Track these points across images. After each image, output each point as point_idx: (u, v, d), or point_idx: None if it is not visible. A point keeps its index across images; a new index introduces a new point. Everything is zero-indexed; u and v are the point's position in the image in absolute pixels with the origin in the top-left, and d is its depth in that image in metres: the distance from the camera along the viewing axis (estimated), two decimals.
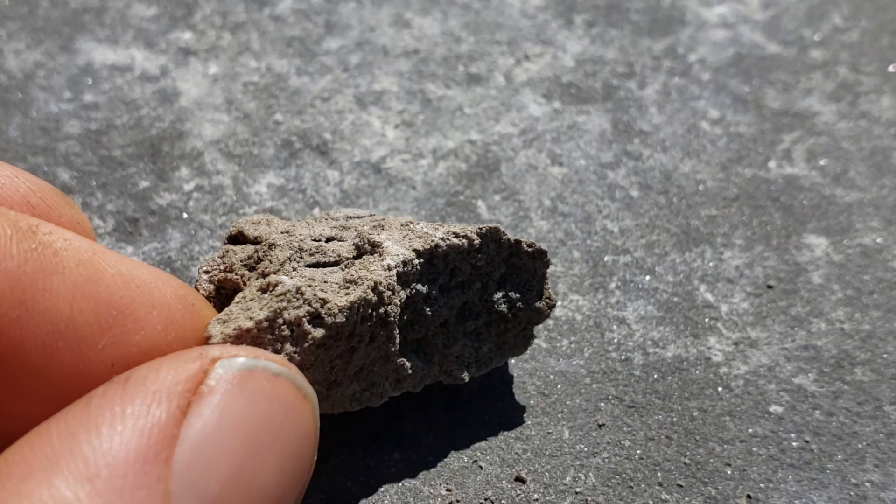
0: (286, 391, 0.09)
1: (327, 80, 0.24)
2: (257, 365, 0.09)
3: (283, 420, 0.09)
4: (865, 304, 0.19)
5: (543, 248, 0.15)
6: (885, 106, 0.24)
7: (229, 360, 0.09)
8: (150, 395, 0.08)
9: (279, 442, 0.09)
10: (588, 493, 0.16)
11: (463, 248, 0.14)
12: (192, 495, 0.08)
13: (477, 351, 0.15)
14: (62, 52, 0.24)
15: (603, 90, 0.24)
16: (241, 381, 0.09)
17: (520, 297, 0.15)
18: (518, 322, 0.15)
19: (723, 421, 0.17)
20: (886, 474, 0.16)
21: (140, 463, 0.08)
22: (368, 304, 0.12)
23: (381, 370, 0.13)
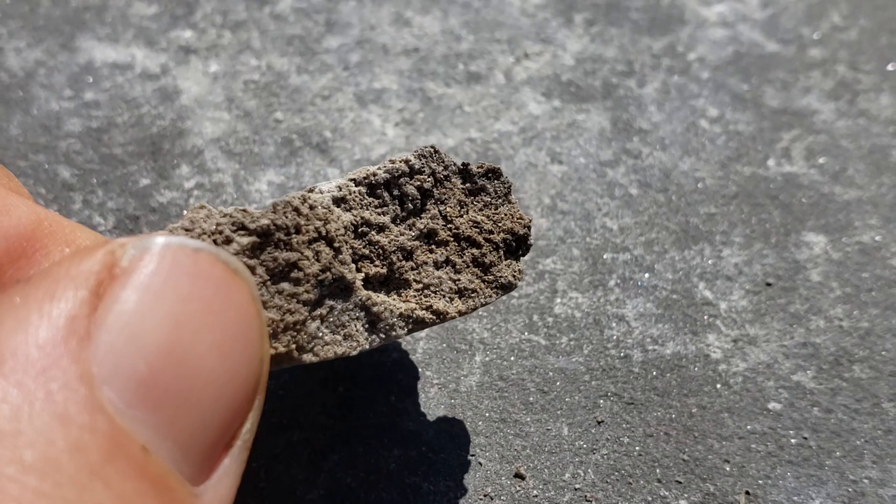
0: (210, 266, 0.09)
1: (327, 78, 0.24)
2: (171, 242, 0.09)
3: (211, 296, 0.09)
4: (864, 301, 0.19)
5: (495, 166, 0.14)
6: (883, 104, 0.24)
7: (141, 239, 0.09)
8: (60, 282, 0.08)
9: (211, 318, 0.08)
10: (587, 489, 0.16)
11: (402, 171, 0.13)
12: (118, 376, 0.08)
13: (455, 282, 0.13)
14: (63, 51, 0.24)
15: (602, 88, 0.24)
16: (156, 258, 0.08)
17: (487, 219, 0.14)
18: (494, 247, 0.14)
19: (721, 418, 0.17)
20: (884, 471, 0.16)
21: (52, 347, 0.07)
22: (297, 211, 0.11)
23: (345, 307, 0.12)
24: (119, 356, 0.08)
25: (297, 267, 0.11)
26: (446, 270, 0.14)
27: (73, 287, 0.08)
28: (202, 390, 0.08)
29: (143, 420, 0.08)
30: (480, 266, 0.14)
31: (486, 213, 0.14)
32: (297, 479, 0.16)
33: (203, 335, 0.08)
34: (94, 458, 0.07)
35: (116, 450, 0.07)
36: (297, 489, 0.15)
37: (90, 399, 0.07)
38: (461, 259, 0.14)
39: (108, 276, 0.08)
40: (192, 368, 0.08)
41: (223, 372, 0.08)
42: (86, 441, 0.07)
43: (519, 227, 0.14)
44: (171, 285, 0.08)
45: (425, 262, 0.13)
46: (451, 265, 0.14)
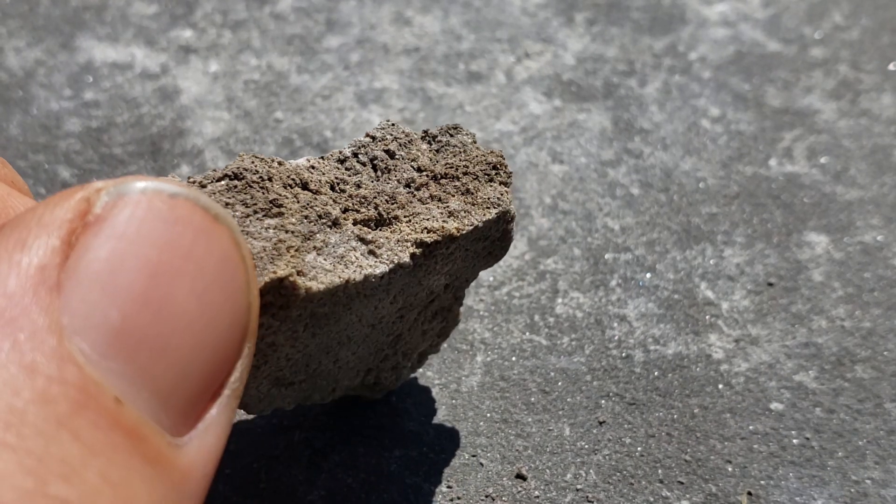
0: (189, 211, 0.08)
1: (328, 77, 0.24)
2: (147, 187, 0.08)
3: (189, 242, 0.08)
4: (866, 301, 0.19)
5: (455, 125, 0.14)
6: (885, 104, 0.24)
7: (116, 186, 0.08)
8: (32, 230, 0.08)
9: (190, 265, 0.08)
10: (589, 489, 0.16)
11: (364, 144, 0.13)
12: (90, 326, 0.07)
13: (445, 208, 0.13)
14: (63, 50, 0.24)
15: (603, 88, 0.24)
16: (130, 204, 0.08)
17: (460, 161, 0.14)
18: (473, 177, 0.14)
19: (723, 418, 0.17)
20: (887, 471, 0.16)
21: (21, 296, 0.07)
22: (264, 161, 0.11)
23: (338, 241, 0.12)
24: (91, 306, 0.07)
25: (278, 205, 0.11)
26: (434, 203, 0.13)
27: (44, 235, 0.08)
28: (181, 339, 0.08)
29: (117, 371, 0.07)
30: (465, 193, 0.14)
31: (458, 158, 0.14)
32: (298, 480, 0.16)
33: (181, 283, 0.08)
34: (62, 409, 0.07)
35: (87, 400, 0.07)
36: (297, 490, 0.15)
37: (59, 349, 0.07)
38: (444, 192, 0.14)
39: (81, 224, 0.08)
40: (169, 317, 0.08)
41: (204, 320, 0.08)
42: (54, 392, 0.07)
43: (492, 157, 0.14)
44: (146, 232, 0.08)
45: (410, 202, 0.13)
46: (437, 199, 0.13)
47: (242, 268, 0.09)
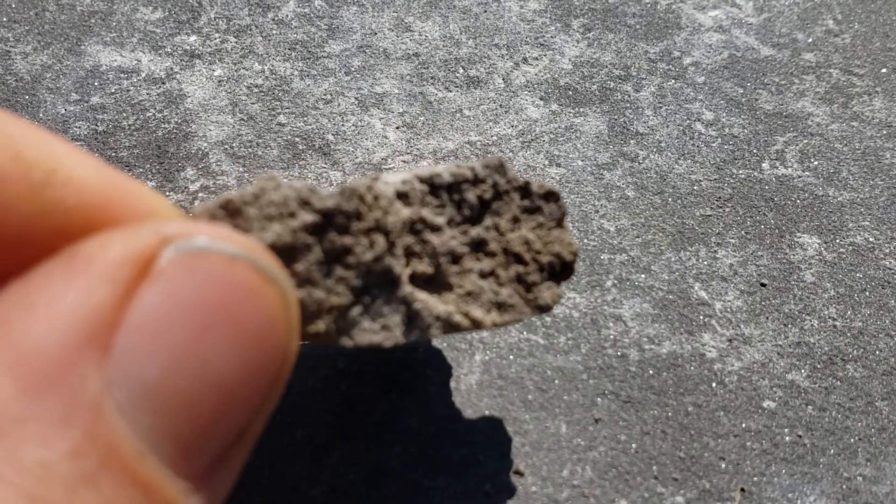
0: (244, 274, 0.09)
1: (330, 82, 0.25)
2: (212, 246, 0.08)
3: (239, 304, 0.08)
4: (857, 301, 0.19)
5: (556, 189, 0.15)
6: (876, 107, 0.24)
7: (183, 240, 0.08)
8: (94, 275, 0.08)
9: (233, 325, 0.08)
10: (585, 485, 0.16)
11: (467, 178, 0.13)
12: (129, 379, 0.07)
13: (496, 294, 0.14)
14: (69, 55, 0.25)
15: (599, 93, 0.25)
16: (192, 263, 0.08)
17: (538, 239, 0.14)
18: (538, 267, 0.14)
19: (717, 416, 0.17)
20: (878, 468, 0.16)
21: (74, 350, 0.07)
22: (361, 199, 0.12)
23: (387, 297, 0.12)
24: (133, 360, 0.08)
25: (351, 252, 0.12)
26: (489, 281, 0.14)
27: (106, 280, 0.08)
28: (212, 396, 0.08)
29: (145, 423, 0.08)
30: (523, 283, 0.14)
31: (538, 233, 0.14)
32: (300, 476, 0.16)
33: (223, 343, 0.08)
34: (90, 463, 0.07)
35: (112, 455, 0.07)
36: (300, 486, 0.16)
37: (97, 403, 0.07)
38: (505, 273, 0.14)
39: (142, 274, 0.08)
40: (205, 375, 0.08)
41: (237, 379, 0.08)
42: (86, 447, 0.07)
43: (567, 252, 0.14)
44: (200, 295, 0.08)
45: (471, 270, 0.14)
46: (495, 277, 0.14)
47: (285, 328, 0.09)
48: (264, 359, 0.09)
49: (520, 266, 0.14)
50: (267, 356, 0.09)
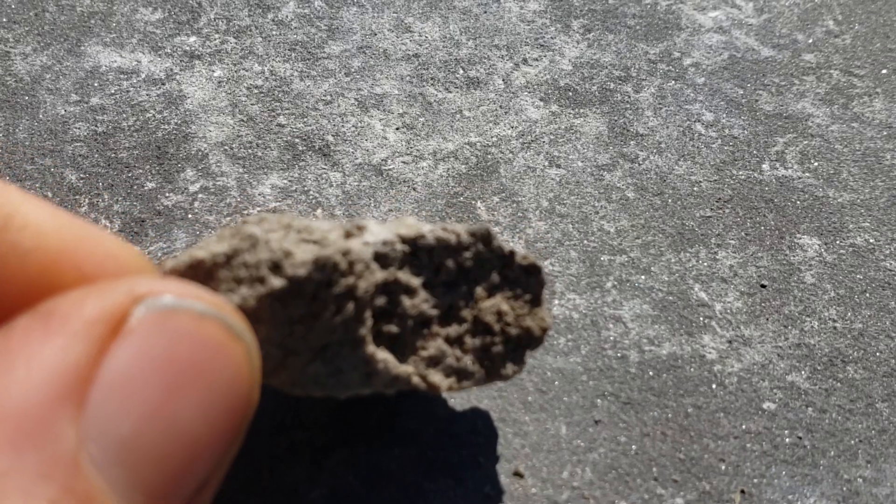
0: (212, 331, 0.09)
1: (330, 83, 0.25)
2: (181, 304, 0.09)
3: (207, 360, 0.09)
4: (857, 303, 0.19)
5: (538, 263, 0.14)
6: (877, 108, 0.24)
7: (153, 298, 0.09)
8: (69, 333, 0.08)
9: (202, 382, 0.09)
10: (585, 487, 0.16)
11: (450, 244, 0.13)
12: (103, 434, 0.08)
13: (458, 361, 0.14)
14: (69, 56, 0.25)
15: (599, 93, 0.25)
16: (162, 321, 0.09)
17: (511, 310, 0.14)
18: (505, 339, 0.14)
19: (717, 417, 0.17)
20: (878, 470, 0.16)
21: (51, 406, 0.08)
22: (335, 267, 0.11)
23: (348, 356, 0.12)
24: (108, 417, 0.08)
25: (317, 317, 0.11)
26: (454, 348, 0.14)
27: (80, 338, 0.08)
28: (182, 450, 0.08)
29: (119, 476, 0.08)
30: (486, 354, 0.14)
31: (513, 305, 0.14)
32: (300, 479, 0.16)
33: (192, 400, 0.09)
34: None
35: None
36: (299, 488, 0.16)
37: (74, 457, 0.08)
38: (471, 341, 0.14)
39: (114, 331, 0.08)
40: (175, 431, 0.08)
41: (205, 433, 0.09)
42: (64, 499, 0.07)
43: (537, 328, 0.14)
44: (170, 352, 0.09)
45: (437, 334, 0.13)
46: (461, 344, 0.14)
47: (249, 384, 0.09)
48: (230, 413, 0.09)
49: (487, 336, 0.14)
50: (232, 410, 0.09)
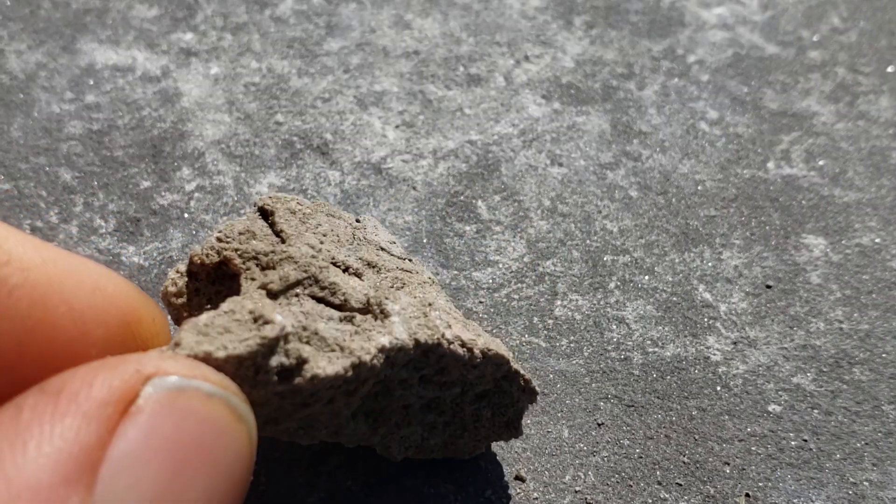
0: (219, 412, 0.09)
1: (328, 80, 0.24)
2: (189, 385, 0.09)
3: (213, 441, 0.09)
4: (864, 303, 0.19)
5: (538, 389, 0.15)
6: (883, 106, 0.24)
7: (161, 378, 0.09)
8: (79, 414, 0.08)
9: (208, 462, 0.09)
10: (587, 491, 0.16)
11: (464, 360, 0.13)
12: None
13: (423, 440, 0.14)
14: (64, 53, 0.24)
15: (602, 91, 0.24)
16: (171, 400, 0.09)
17: (490, 416, 0.15)
18: (476, 434, 0.15)
19: (721, 420, 0.17)
20: (885, 473, 0.16)
21: (63, 486, 0.08)
22: (344, 379, 0.12)
23: (324, 420, 0.13)
24: (117, 497, 0.08)
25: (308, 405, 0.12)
26: (425, 429, 0.14)
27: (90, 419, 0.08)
28: None
29: None
30: (453, 440, 0.15)
31: (494, 411, 0.15)
32: (298, 483, 0.16)
33: (198, 479, 0.09)
34: None
35: None
36: (297, 493, 0.16)
37: None
38: (443, 430, 0.14)
39: (123, 411, 0.09)
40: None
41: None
42: None
43: (509, 435, 0.15)
44: (178, 431, 0.09)
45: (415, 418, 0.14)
46: (432, 429, 0.14)
47: (249, 463, 0.10)
48: (231, 491, 0.09)
49: (460, 430, 0.15)
50: (234, 489, 0.10)
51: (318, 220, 0.14)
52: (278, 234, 0.13)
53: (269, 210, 0.13)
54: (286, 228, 0.13)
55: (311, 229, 0.13)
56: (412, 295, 0.13)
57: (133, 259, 0.19)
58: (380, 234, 0.15)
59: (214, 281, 0.13)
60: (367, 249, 0.14)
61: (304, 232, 0.13)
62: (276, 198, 0.14)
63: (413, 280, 0.14)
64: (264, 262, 0.12)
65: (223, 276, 0.13)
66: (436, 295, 0.14)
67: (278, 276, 0.12)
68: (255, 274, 0.12)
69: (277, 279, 0.12)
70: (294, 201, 0.14)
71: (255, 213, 0.14)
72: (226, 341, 0.10)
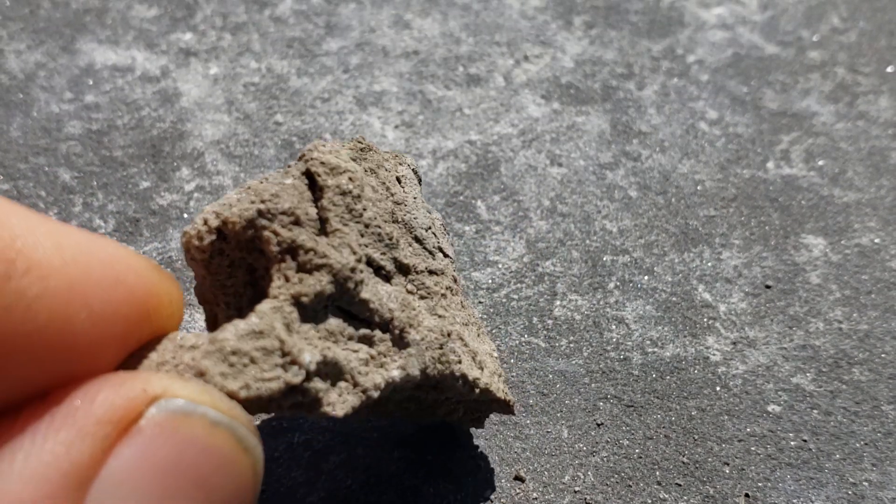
0: (223, 441, 0.09)
1: (327, 80, 0.24)
2: (196, 410, 0.09)
3: (213, 471, 0.09)
4: (863, 303, 0.19)
5: (514, 405, 0.15)
6: (882, 106, 0.24)
7: (167, 400, 0.09)
8: (75, 429, 0.08)
9: (205, 493, 0.09)
10: (587, 491, 0.16)
11: (460, 391, 0.13)
12: None
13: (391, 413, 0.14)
14: (63, 53, 0.24)
15: (602, 91, 0.24)
16: (174, 424, 0.09)
17: (462, 414, 0.15)
18: (442, 417, 0.15)
19: (721, 420, 0.17)
20: (884, 473, 0.16)
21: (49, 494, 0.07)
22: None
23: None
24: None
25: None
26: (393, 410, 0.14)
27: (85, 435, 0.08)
28: None
29: None
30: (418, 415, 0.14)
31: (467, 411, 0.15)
32: (298, 482, 0.16)
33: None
34: None
35: None
36: (297, 491, 0.16)
37: None
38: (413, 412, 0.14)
39: (123, 431, 0.08)
40: None
41: None
42: None
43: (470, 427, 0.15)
44: (177, 458, 0.08)
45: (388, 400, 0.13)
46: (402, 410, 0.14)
47: (251, 498, 0.09)
48: None
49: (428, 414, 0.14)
50: None
51: (364, 201, 0.12)
52: (323, 222, 0.12)
53: (320, 184, 0.12)
54: (332, 218, 0.12)
55: (356, 218, 0.12)
56: (434, 313, 0.13)
57: None
58: (419, 216, 0.14)
59: (243, 248, 0.12)
60: (403, 242, 0.13)
61: (349, 222, 0.12)
62: (328, 166, 0.12)
63: (437, 288, 0.13)
64: (302, 260, 0.11)
65: (253, 248, 0.12)
66: (456, 309, 0.14)
67: (313, 290, 0.11)
68: (290, 272, 0.11)
69: (312, 294, 0.11)
70: (346, 175, 0.12)
71: (302, 179, 0.12)
72: (250, 378, 0.10)
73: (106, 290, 0.09)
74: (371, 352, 0.12)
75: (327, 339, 0.11)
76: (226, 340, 0.10)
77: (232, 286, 0.12)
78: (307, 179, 0.12)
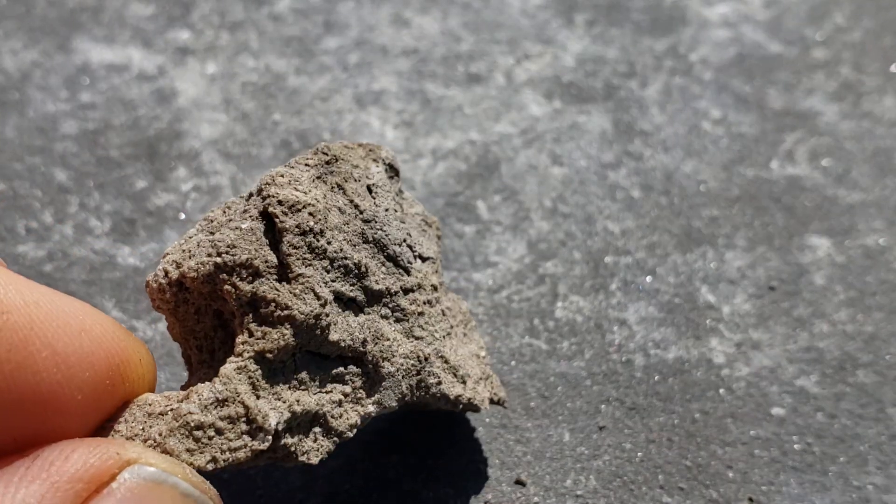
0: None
1: (326, 79, 0.24)
2: (167, 480, 0.09)
3: None
4: (868, 305, 0.19)
5: (504, 402, 0.15)
6: (887, 106, 0.24)
7: (141, 467, 0.09)
8: (48, 482, 0.08)
9: None
10: (589, 495, 0.16)
11: (440, 404, 0.13)
12: None
13: None
14: (59, 52, 0.24)
15: (604, 90, 0.24)
16: (144, 491, 0.09)
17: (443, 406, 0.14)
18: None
19: (725, 423, 0.17)
20: (889, 477, 0.16)
21: None
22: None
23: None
24: None
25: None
26: None
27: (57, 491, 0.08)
28: None
29: None
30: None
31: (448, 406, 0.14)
32: (295, 486, 0.15)
33: None
34: None
35: None
36: (294, 496, 0.15)
37: None
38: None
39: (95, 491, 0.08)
40: None
41: None
42: None
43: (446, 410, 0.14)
44: None
45: None
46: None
47: None
48: None
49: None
50: None
51: (328, 234, 0.12)
52: (284, 267, 0.11)
53: (279, 227, 0.12)
54: (293, 263, 0.11)
55: (319, 257, 0.12)
56: (412, 335, 0.13)
57: (128, 260, 0.19)
58: (391, 231, 0.13)
59: (206, 297, 0.12)
60: (374, 265, 0.13)
61: (312, 262, 0.12)
62: (286, 204, 0.12)
63: (414, 308, 0.13)
64: (264, 313, 0.11)
65: (216, 296, 0.12)
66: (437, 321, 0.13)
67: (276, 346, 0.11)
68: (253, 326, 0.11)
69: (276, 349, 0.11)
70: (305, 212, 0.12)
71: (260, 221, 0.12)
72: (216, 451, 0.10)
73: (70, 334, 0.10)
74: (345, 389, 0.12)
75: (297, 389, 0.11)
76: (190, 415, 0.10)
77: (201, 330, 0.12)
78: (266, 220, 0.12)
